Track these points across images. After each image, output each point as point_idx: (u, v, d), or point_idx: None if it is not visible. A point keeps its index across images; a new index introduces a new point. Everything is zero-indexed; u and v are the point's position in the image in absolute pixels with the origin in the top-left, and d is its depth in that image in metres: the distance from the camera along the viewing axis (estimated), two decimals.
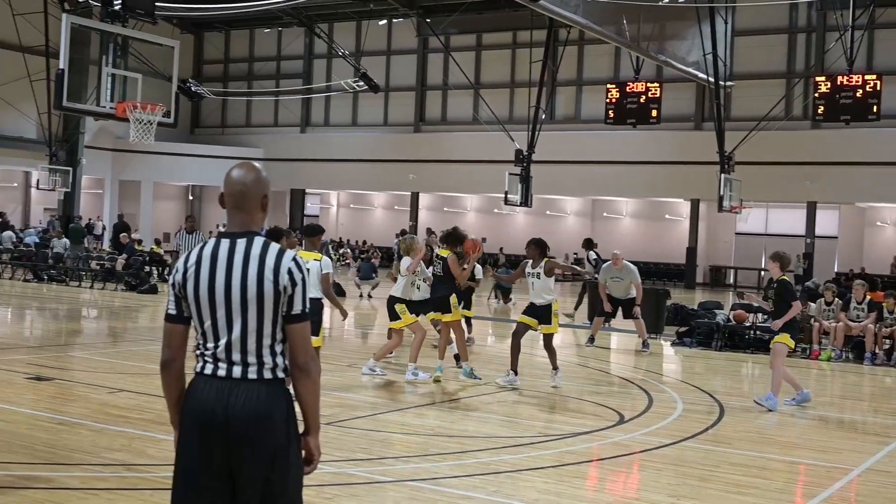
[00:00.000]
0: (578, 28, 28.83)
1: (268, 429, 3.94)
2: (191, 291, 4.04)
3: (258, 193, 4.15)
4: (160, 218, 53.67)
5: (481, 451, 9.20)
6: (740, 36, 38.59)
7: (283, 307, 4.04)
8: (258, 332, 4.00)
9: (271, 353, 4.02)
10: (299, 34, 52.91)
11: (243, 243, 4.06)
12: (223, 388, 3.97)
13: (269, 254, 4.04)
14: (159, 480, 7.44)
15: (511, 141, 35.66)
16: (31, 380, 11.91)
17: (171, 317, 4.13)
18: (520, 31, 45.11)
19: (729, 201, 30.56)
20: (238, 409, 3.92)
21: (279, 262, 4.03)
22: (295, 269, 4.04)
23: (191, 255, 4.11)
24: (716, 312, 20.27)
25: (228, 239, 4.08)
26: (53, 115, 35.37)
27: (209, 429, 3.93)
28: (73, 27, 17.61)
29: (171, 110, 19.03)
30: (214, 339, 4.03)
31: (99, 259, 31.73)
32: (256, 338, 4.00)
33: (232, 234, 4.10)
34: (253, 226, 4.13)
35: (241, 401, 3.93)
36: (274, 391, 4.00)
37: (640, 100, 34.15)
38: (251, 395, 3.95)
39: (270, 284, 3.99)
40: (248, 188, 4.13)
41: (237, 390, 3.96)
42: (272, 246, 4.08)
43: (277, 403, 3.99)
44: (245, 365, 4.00)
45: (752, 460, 9.32)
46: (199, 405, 3.97)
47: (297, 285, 4.04)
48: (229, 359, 4.00)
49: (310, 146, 52.64)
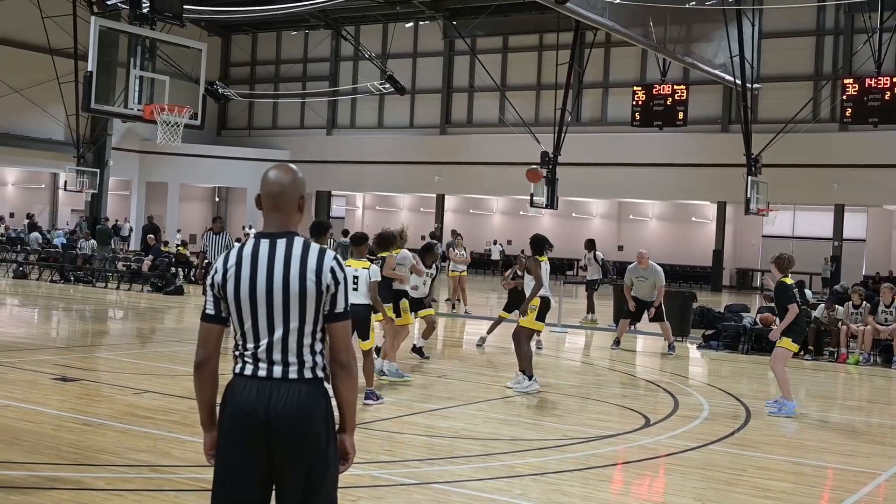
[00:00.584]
0: (605, 30, 28.75)
1: (309, 428, 3.95)
2: (231, 292, 4.05)
3: (295, 194, 4.15)
4: (186, 219, 53.91)
5: (506, 453, 9.17)
6: (767, 38, 38.40)
7: (326, 306, 4.05)
8: (299, 332, 4.01)
9: (311, 352, 4.04)
10: (326, 37, 53.02)
11: (283, 243, 4.06)
12: (264, 389, 3.97)
13: (311, 253, 4.05)
14: (184, 482, 7.46)
15: (537, 143, 35.59)
16: (57, 380, 11.97)
17: (209, 317, 4.13)
18: (546, 33, 45.04)
19: (756, 204, 30.41)
20: (280, 409, 3.93)
21: (321, 261, 4.04)
22: (337, 269, 4.07)
23: (230, 255, 4.12)
24: (742, 315, 20.15)
25: (268, 239, 4.08)
26: (81, 116, 35.61)
27: (251, 429, 3.94)
28: (101, 30, 17.72)
29: (198, 112, 19.10)
30: (255, 340, 4.03)
31: (125, 260, 31.91)
32: (298, 337, 4.01)
33: (271, 235, 4.10)
34: (291, 226, 4.14)
35: (283, 401, 3.94)
36: (314, 391, 4.01)
37: (666, 102, 34.00)
38: (293, 394, 3.96)
39: (313, 284, 4.00)
40: (286, 189, 4.13)
41: (279, 390, 3.96)
42: (313, 246, 4.09)
43: (318, 403, 4.00)
44: (286, 365, 4.00)
45: (778, 464, 9.25)
46: (240, 405, 3.97)
47: (340, 284, 4.06)
48: (270, 359, 4.01)
49: (336, 148, 52.74)
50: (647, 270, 18.41)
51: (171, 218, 51.92)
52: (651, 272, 18.42)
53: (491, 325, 17.99)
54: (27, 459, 8.08)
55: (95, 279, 30.30)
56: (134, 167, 51.50)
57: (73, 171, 38.13)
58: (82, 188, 38.58)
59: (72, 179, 38.17)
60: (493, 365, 15.40)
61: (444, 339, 20.51)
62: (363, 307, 11.19)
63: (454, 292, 25.22)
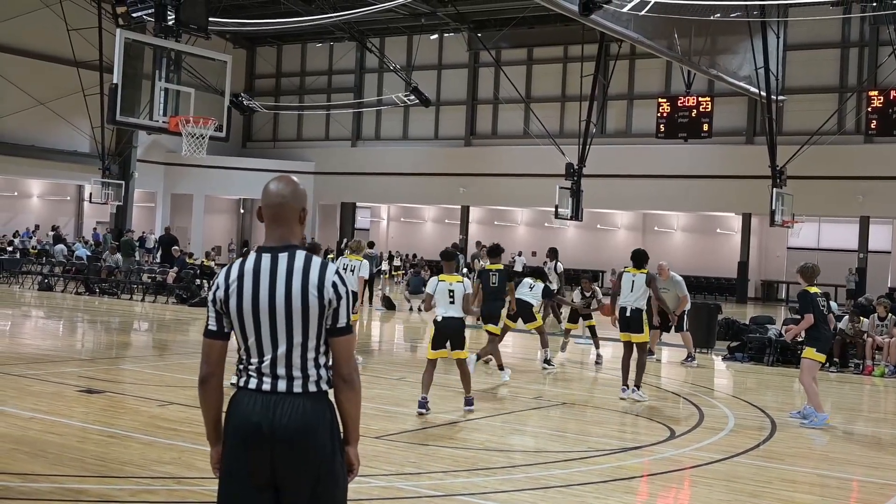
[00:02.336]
0: (630, 42, 28.70)
1: (314, 442, 3.93)
2: (234, 307, 4.03)
3: (297, 206, 4.12)
4: (211, 231, 54.12)
5: (531, 465, 9.14)
6: (792, 50, 38.22)
7: (328, 321, 4.02)
8: (303, 346, 3.99)
9: (315, 365, 4.01)
10: (351, 48, 53.18)
11: (285, 257, 4.03)
12: (268, 403, 3.95)
13: (313, 267, 4.02)
14: (208, 494, 7.46)
15: (562, 155, 35.54)
16: (83, 392, 12.02)
17: (212, 332, 4.11)
18: (571, 45, 44.99)
19: (781, 215, 30.25)
20: (284, 424, 3.91)
21: (323, 275, 4.01)
22: (339, 283, 4.03)
23: (231, 270, 4.09)
24: (767, 327, 20.04)
25: (269, 253, 4.05)
26: (107, 129, 35.85)
27: (255, 443, 3.92)
28: (126, 42, 17.82)
29: (223, 124, 19.17)
30: (259, 355, 4.01)
31: (150, 272, 32.05)
32: (301, 352, 3.99)
33: (272, 249, 4.07)
34: (292, 239, 4.10)
35: (287, 415, 3.92)
36: (319, 404, 3.99)
37: (691, 114, 33.88)
38: (297, 409, 3.94)
39: (315, 299, 3.97)
40: (286, 201, 4.11)
41: (282, 404, 3.95)
42: (315, 259, 4.06)
43: (322, 416, 3.98)
44: (290, 379, 3.98)
45: (804, 476, 9.18)
46: (244, 419, 3.95)
47: (342, 298, 4.02)
48: (274, 373, 3.99)
49: (361, 160, 52.85)
50: (668, 282, 18.30)
51: (196, 230, 52.12)
52: (672, 283, 18.31)
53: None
54: (52, 471, 8.11)
55: (120, 291, 30.43)
56: (159, 179, 51.74)
57: (99, 184, 38.34)
58: (107, 200, 38.78)
59: (97, 191, 38.39)
60: (518, 377, 15.36)
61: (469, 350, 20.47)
62: (459, 320, 11.56)
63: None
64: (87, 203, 46.73)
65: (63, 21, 36.89)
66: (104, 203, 39.36)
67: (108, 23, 33.54)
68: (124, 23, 18.63)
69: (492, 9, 44.03)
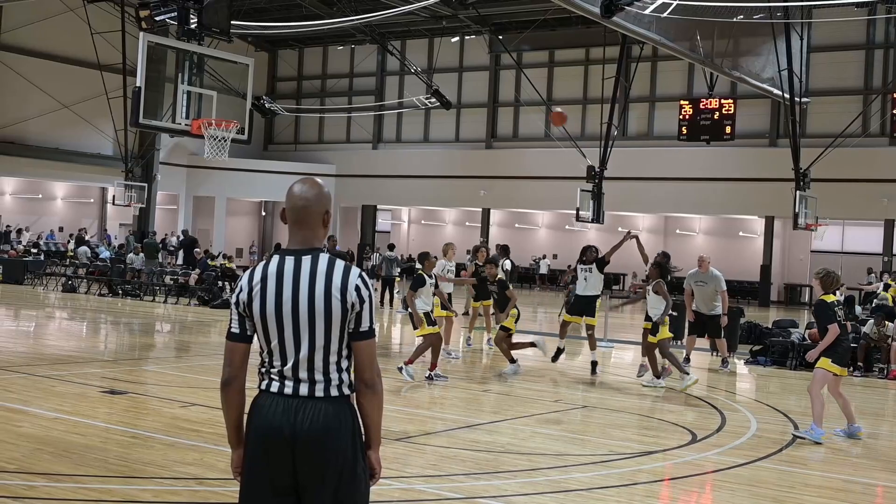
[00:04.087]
0: (652, 44, 28.60)
1: (335, 446, 3.93)
2: (257, 310, 4.02)
3: (320, 209, 4.11)
4: (233, 233, 54.31)
5: (552, 468, 9.12)
6: (816, 52, 38.05)
7: (350, 324, 4.02)
8: (325, 350, 3.99)
9: (338, 369, 4.01)
10: (372, 51, 53.27)
11: (308, 260, 4.02)
12: (290, 407, 3.96)
13: (336, 271, 4.01)
14: (230, 495, 7.47)
15: (583, 157, 35.47)
16: (106, 393, 12.08)
17: (234, 335, 4.11)
18: (592, 47, 44.93)
19: (804, 218, 30.08)
20: (306, 428, 3.91)
21: (346, 279, 4.00)
22: (362, 286, 4.02)
23: (255, 272, 4.09)
24: (790, 331, 19.92)
25: (293, 256, 4.05)
26: (130, 131, 36.00)
27: (276, 446, 3.93)
28: (149, 45, 17.86)
29: (245, 127, 19.21)
30: (282, 358, 4.01)
31: (173, 274, 32.17)
32: (323, 355, 3.99)
33: (296, 251, 4.06)
34: (315, 242, 4.10)
35: (309, 419, 3.92)
36: (340, 408, 3.99)
37: (713, 116, 33.81)
38: (318, 412, 3.94)
39: (338, 302, 3.96)
40: (310, 203, 4.10)
41: (304, 408, 3.95)
42: (338, 262, 4.05)
43: (344, 420, 3.98)
44: (312, 382, 3.98)
45: (827, 481, 9.13)
46: (265, 423, 3.96)
47: (365, 302, 4.02)
48: (296, 377, 3.99)
49: (382, 162, 52.92)
50: (707, 275, 18.02)
51: (218, 232, 52.31)
52: (710, 277, 18.01)
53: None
54: (76, 472, 8.15)
55: (143, 293, 30.57)
56: (181, 181, 51.98)
57: (122, 186, 38.51)
58: (130, 202, 38.94)
59: (120, 194, 38.56)
60: (539, 379, 15.33)
61: (491, 352, 20.46)
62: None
63: None
64: (110, 205, 46.97)
65: (87, 25, 37.09)
66: (127, 205, 39.52)
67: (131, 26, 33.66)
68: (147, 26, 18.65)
69: (513, 11, 44.03)
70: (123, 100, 33.65)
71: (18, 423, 9.91)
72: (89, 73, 41.07)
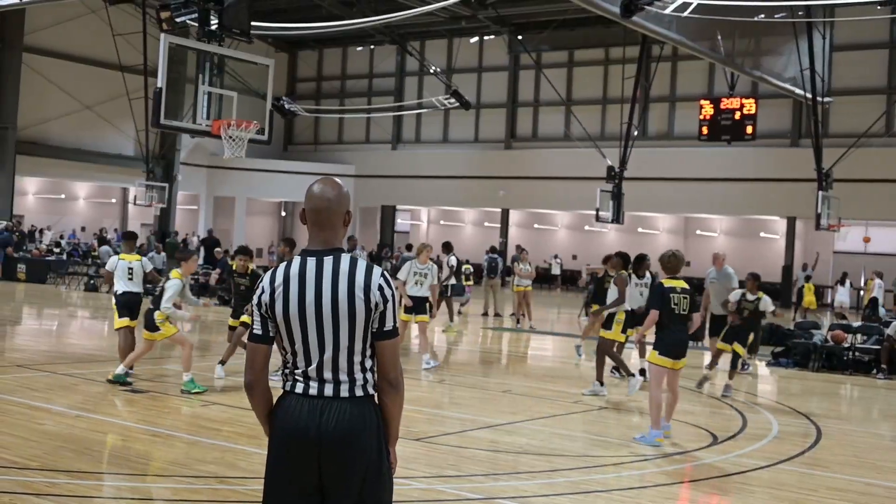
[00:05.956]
0: (672, 44, 28.51)
1: (360, 446, 3.93)
2: (280, 312, 4.02)
3: (341, 209, 4.11)
4: (253, 233, 54.45)
5: (571, 469, 9.09)
6: (839, 51, 37.80)
7: (374, 324, 4.01)
8: (349, 350, 3.98)
9: (362, 369, 4.01)
10: (391, 52, 53.31)
11: (330, 261, 4.02)
12: (315, 407, 3.96)
13: (359, 270, 4.01)
14: (251, 493, 7.49)
15: (603, 157, 35.40)
16: (127, 392, 12.12)
17: (257, 337, 4.11)
18: (612, 47, 44.84)
19: (827, 219, 29.91)
20: (331, 428, 3.91)
21: (369, 278, 4.00)
22: (385, 286, 4.02)
23: (276, 273, 4.08)
24: (813, 332, 19.80)
25: (315, 257, 4.04)
26: (151, 132, 36.12)
27: (302, 447, 3.93)
28: (170, 46, 17.92)
29: (265, 127, 19.25)
30: (305, 359, 4.01)
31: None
32: (348, 356, 3.98)
33: (317, 252, 4.06)
34: (336, 242, 4.09)
35: (334, 419, 3.93)
36: (365, 408, 3.99)
37: (734, 116, 33.62)
38: (343, 413, 3.94)
39: (362, 302, 3.96)
40: (331, 204, 4.10)
41: (329, 409, 3.95)
42: (360, 262, 4.05)
43: (369, 420, 3.98)
44: (337, 383, 3.98)
45: (850, 485, 9.07)
46: (290, 423, 3.97)
47: (388, 301, 4.01)
48: (321, 377, 3.99)
49: (401, 163, 52.96)
50: (721, 272, 17.81)
51: (238, 232, 52.44)
52: (723, 274, 17.78)
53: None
54: (97, 469, 8.19)
55: None
56: (202, 182, 52.17)
57: (143, 186, 38.64)
58: (151, 203, 39.07)
59: (141, 194, 38.69)
60: (558, 380, 15.30)
61: (510, 353, 20.45)
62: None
63: (519, 307, 25.13)
64: (131, 205, 47.19)
65: (109, 26, 37.26)
66: (148, 205, 39.66)
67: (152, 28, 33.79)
68: (168, 28, 18.71)
69: (532, 11, 43.94)
70: (144, 100, 33.77)
71: (41, 421, 9.96)
72: (111, 74, 41.29)
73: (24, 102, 42.43)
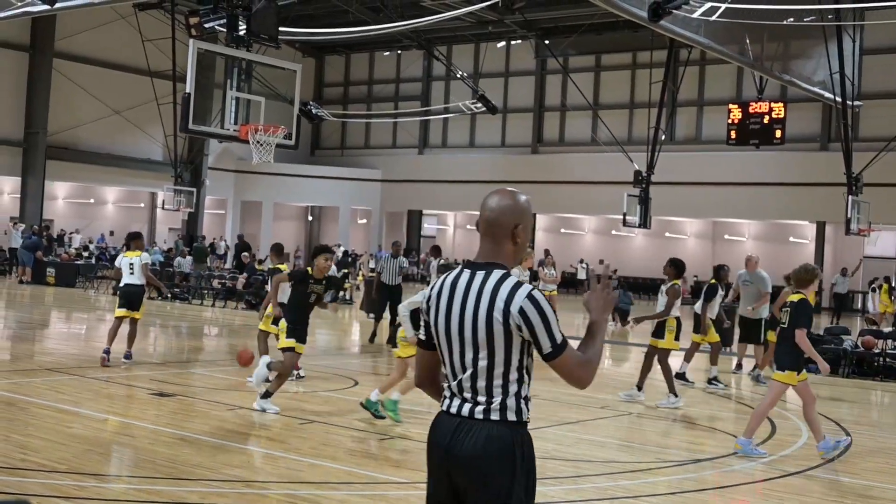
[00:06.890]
0: (700, 48, 28.41)
1: (489, 471, 3.78)
2: (432, 322, 3.96)
3: (509, 222, 3.91)
4: (280, 238, 54.54)
5: (598, 475, 9.05)
6: (869, 55, 37.53)
7: (530, 348, 3.86)
8: (489, 370, 3.82)
9: (503, 392, 3.84)
10: (418, 57, 53.39)
11: (481, 276, 3.85)
12: (452, 425, 3.86)
13: (502, 289, 3.78)
14: (277, 497, 7.49)
15: (630, 162, 35.30)
16: (155, 395, 12.17)
17: (420, 342, 4.10)
18: (639, 51, 44.70)
19: (857, 224, 29.68)
20: (460, 449, 3.81)
21: (511, 298, 3.77)
22: (529, 308, 3.76)
23: (439, 281, 4.00)
24: (843, 338, 19.63)
25: (470, 270, 3.90)
26: (179, 137, 36.35)
27: (435, 462, 3.90)
28: (199, 52, 18.02)
29: (293, 132, 19.31)
30: (452, 374, 3.91)
31: (221, 278, 32.40)
32: (487, 375, 3.83)
33: (473, 265, 3.91)
34: (498, 257, 3.90)
35: (465, 441, 3.81)
36: (500, 432, 3.82)
37: (763, 120, 33.44)
38: (474, 435, 3.80)
39: (500, 325, 3.77)
40: (496, 215, 3.92)
41: (462, 429, 3.83)
42: (507, 280, 3.81)
43: (501, 447, 3.81)
44: (474, 403, 3.84)
45: (882, 492, 8.98)
46: (433, 439, 3.93)
47: (535, 325, 3.77)
48: (462, 395, 3.88)
49: (427, 167, 53.00)
50: (753, 275, 17.66)
51: (266, 236, 52.60)
52: (756, 277, 17.61)
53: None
54: (124, 472, 8.21)
55: (192, 296, 30.81)
56: (229, 186, 52.39)
57: (171, 191, 38.88)
58: (179, 207, 39.30)
59: (169, 198, 38.94)
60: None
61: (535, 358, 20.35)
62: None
63: None
64: (159, 210, 47.48)
65: (138, 32, 37.54)
66: (176, 210, 39.92)
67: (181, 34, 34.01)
68: (197, 33, 18.84)
69: (559, 16, 43.89)
70: (173, 106, 33.97)
71: (69, 424, 10.01)
72: (140, 80, 41.62)
73: (54, 108, 42.82)
